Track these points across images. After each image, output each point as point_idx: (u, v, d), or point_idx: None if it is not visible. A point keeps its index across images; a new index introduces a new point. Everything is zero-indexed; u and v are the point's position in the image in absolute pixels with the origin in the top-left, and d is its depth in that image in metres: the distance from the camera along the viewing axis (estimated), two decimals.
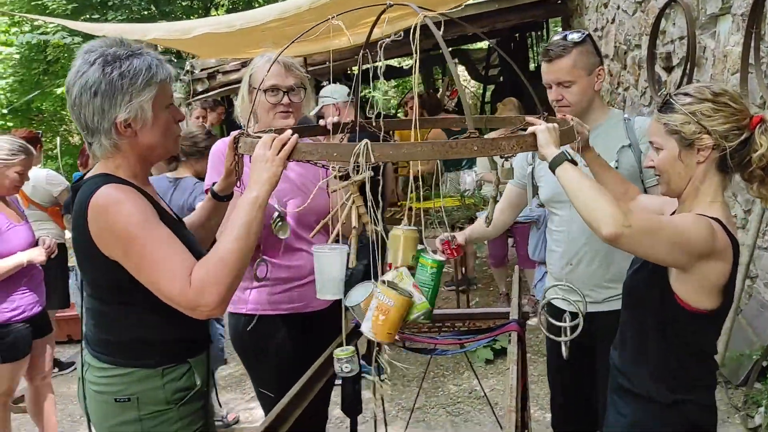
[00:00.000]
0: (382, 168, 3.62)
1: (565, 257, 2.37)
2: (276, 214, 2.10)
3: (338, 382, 2.44)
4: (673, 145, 1.65)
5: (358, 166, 1.46)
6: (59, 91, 10.41)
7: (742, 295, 3.78)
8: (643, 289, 1.75)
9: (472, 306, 5.20)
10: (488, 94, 12.14)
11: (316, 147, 1.55)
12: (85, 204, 1.54)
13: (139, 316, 1.63)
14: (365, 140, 1.46)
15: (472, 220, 4.84)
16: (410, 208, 4.13)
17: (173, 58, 9.79)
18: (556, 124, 1.65)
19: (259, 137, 1.63)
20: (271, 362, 2.29)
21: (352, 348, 1.81)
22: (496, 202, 2.16)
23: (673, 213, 1.78)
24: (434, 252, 1.90)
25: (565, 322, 2.22)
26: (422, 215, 2.10)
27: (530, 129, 1.61)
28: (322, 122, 2.15)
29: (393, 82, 12.87)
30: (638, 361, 1.76)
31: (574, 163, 1.59)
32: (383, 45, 1.81)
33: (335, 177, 2.08)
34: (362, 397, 2.41)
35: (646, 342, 1.74)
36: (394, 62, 13.56)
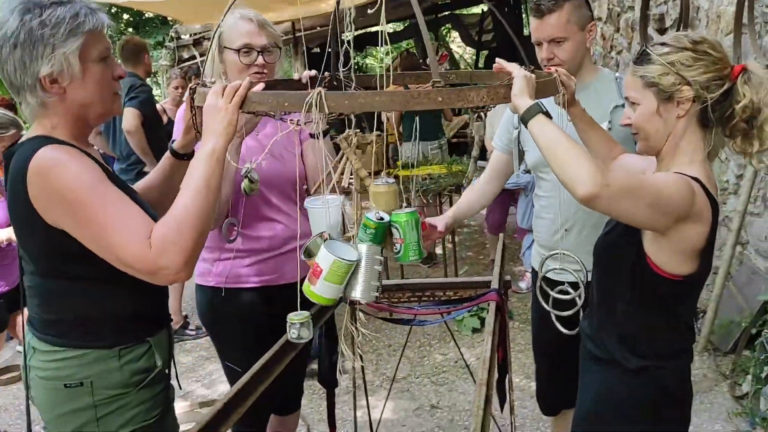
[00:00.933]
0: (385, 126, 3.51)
1: (555, 224, 2.28)
2: (244, 169, 1.98)
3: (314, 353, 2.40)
4: (650, 99, 1.54)
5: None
6: None
7: (732, 261, 3.73)
8: (614, 251, 1.66)
9: (460, 275, 5.13)
10: (482, 59, 11.97)
11: (267, 96, 1.45)
12: (23, 168, 1.39)
13: (91, 290, 1.51)
14: (318, 88, 1.37)
15: (459, 187, 4.75)
16: (396, 176, 4.04)
17: (159, 24, 9.60)
18: (532, 75, 1.52)
19: None
20: (239, 336, 2.21)
21: (307, 313, 1.67)
22: (476, 161, 2.06)
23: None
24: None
25: (567, 294, 2.14)
26: (413, 183, 2.01)
27: (507, 66, 1.50)
28: (296, 76, 2.04)
29: (387, 47, 12.69)
30: (606, 326, 1.68)
31: (549, 116, 1.47)
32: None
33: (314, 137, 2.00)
34: (344, 368, 2.35)
35: (614, 307, 1.66)
36: (389, 28, 13.33)
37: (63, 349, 1.52)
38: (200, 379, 4.01)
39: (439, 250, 5.89)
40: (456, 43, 15.44)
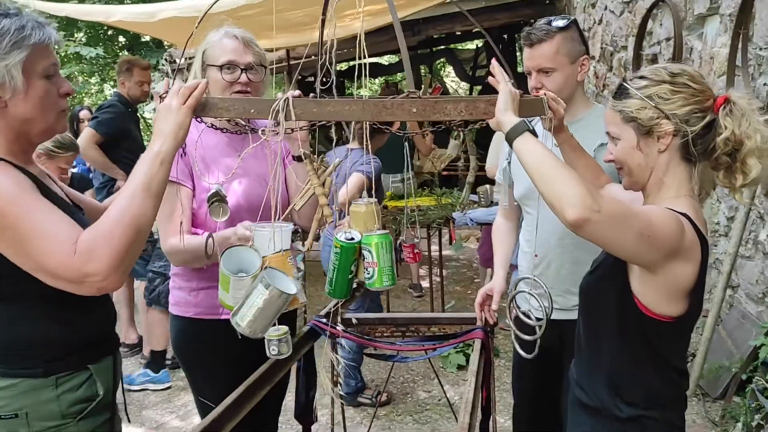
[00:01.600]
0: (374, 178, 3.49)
1: (533, 261, 2.23)
2: (213, 190, 1.89)
3: (291, 389, 2.30)
4: (630, 134, 1.49)
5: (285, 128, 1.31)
6: None
7: (723, 305, 3.67)
8: (600, 289, 1.58)
9: (447, 310, 5.05)
10: (475, 94, 12.05)
11: (233, 102, 1.40)
12: None
13: (21, 313, 1.42)
14: (287, 94, 1.32)
15: (447, 219, 4.69)
16: (385, 207, 3.95)
17: (154, 47, 9.60)
18: (518, 92, 1.46)
19: None
20: (214, 370, 2.11)
21: (285, 328, 1.62)
22: (471, 186, 2.01)
23: None
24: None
25: (531, 319, 2.07)
26: (407, 213, 1.96)
27: (493, 79, 1.45)
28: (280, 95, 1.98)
29: (380, 80, 12.75)
30: (593, 372, 1.60)
31: (535, 134, 1.41)
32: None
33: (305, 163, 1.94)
34: (322, 402, 2.26)
35: (600, 350, 1.58)
36: (383, 60, 13.41)
37: None
38: (175, 410, 3.88)
39: (426, 283, 5.81)
40: (450, 78, 15.55)
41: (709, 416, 3.45)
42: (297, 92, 1.90)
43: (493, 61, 1.58)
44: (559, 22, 2.07)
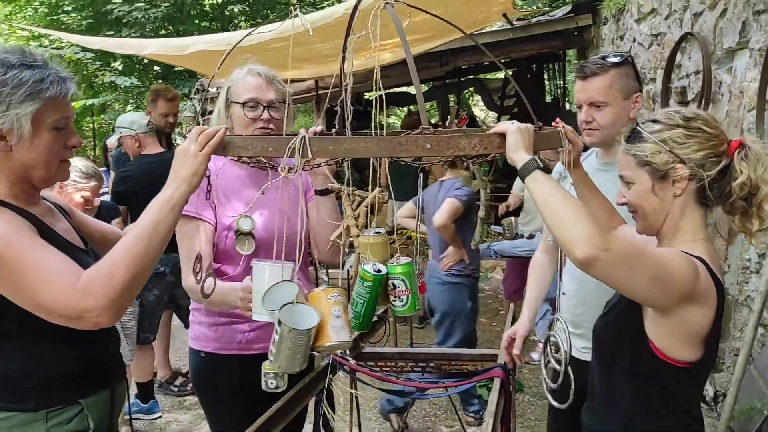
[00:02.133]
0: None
1: (574, 299, 2.20)
2: (241, 220, 1.93)
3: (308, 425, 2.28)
4: (645, 179, 1.47)
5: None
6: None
7: (754, 344, 3.57)
8: (613, 333, 1.55)
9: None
10: None
11: (251, 141, 1.42)
12: None
13: (13, 347, 1.46)
14: (302, 133, 1.34)
15: None
16: (409, 237, 3.92)
17: (186, 77, 9.81)
18: (529, 125, 1.45)
19: None
20: (231, 405, 2.10)
21: None
22: (483, 222, 1.99)
23: None
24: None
25: (559, 364, 2.02)
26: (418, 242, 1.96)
27: (497, 128, 1.43)
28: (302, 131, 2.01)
29: (407, 109, 12.84)
30: (606, 417, 1.56)
31: (548, 171, 1.40)
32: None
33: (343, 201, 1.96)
34: None
35: (614, 395, 1.54)
36: (412, 89, 13.50)
37: None
38: None
39: None
40: (479, 107, 15.58)
41: None
42: (319, 128, 1.93)
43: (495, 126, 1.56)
44: (615, 58, 2.05)
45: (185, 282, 2.01)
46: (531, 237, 4.58)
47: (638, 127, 1.50)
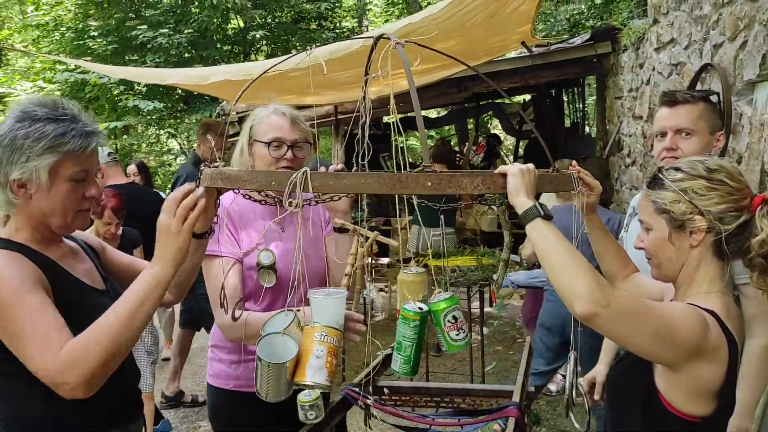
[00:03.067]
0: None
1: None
2: (262, 255, 1.95)
3: None
4: (662, 226, 1.46)
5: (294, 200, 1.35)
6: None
7: None
8: (625, 381, 1.53)
9: (487, 371, 4.95)
10: (521, 148, 12.03)
11: (256, 175, 1.43)
12: None
13: (22, 390, 1.48)
14: (304, 168, 1.35)
15: (487, 281, 4.63)
16: (425, 265, 3.94)
17: (208, 101, 9.94)
18: (530, 166, 1.42)
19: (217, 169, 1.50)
20: None
21: (317, 393, 1.68)
22: (506, 264, 1.99)
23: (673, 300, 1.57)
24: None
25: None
26: (446, 273, 1.96)
27: (500, 169, 1.41)
28: (323, 169, 2.03)
29: (427, 132, 12.91)
30: None
31: (549, 218, 1.38)
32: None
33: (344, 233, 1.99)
34: None
35: None
36: (432, 113, 13.56)
37: None
38: None
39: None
40: (498, 130, 15.61)
41: None
42: (339, 166, 1.95)
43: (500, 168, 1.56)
44: (702, 93, 2.04)
45: (219, 321, 2.02)
46: None
47: (660, 174, 1.49)
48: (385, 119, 10.10)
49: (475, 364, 4.96)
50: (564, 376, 4.82)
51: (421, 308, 1.63)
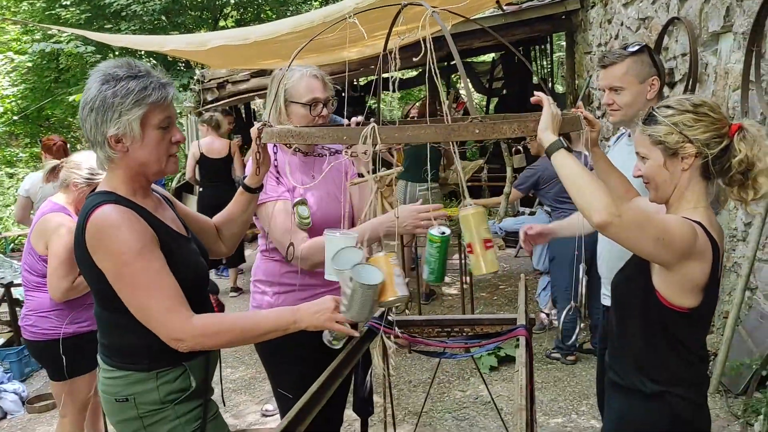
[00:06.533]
0: None
1: (609, 262, 2.48)
2: (298, 199, 2.19)
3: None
4: (657, 155, 1.75)
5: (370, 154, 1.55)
6: (70, 99, 10.54)
7: (742, 306, 3.86)
8: (628, 285, 1.85)
9: (476, 314, 5.28)
10: (492, 106, 12.28)
11: (328, 131, 1.65)
12: (84, 219, 1.66)
13: (131, 323, 1.70)
14: (372, 123, 1.55)
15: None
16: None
17: (183, 68, 9.93)
18: (559, 112, 1.70)
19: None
20: (292, 364, 2.35)
21: None
22: (507, 197, 2.23)
23: None
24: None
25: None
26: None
27: (538, 95, 1.69)
28: (345, 122, 2.29)
29: (397, 94, 13.03)
30: (623, 354, 1.87)
31: (570, 150, 1.66)
32: (394, 52, 1.89)
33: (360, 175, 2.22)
34: (373, 399, 2.50)
35: (628, 337, 1.85)
36: (399, 74, 13.68)
37: (112, 370, 1.78)
38: (228, 409, 4.15)
39: (455, 291, 6.06)
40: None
41: (732, 411, 3.65)
42: (360, 118, 2.18)
43: (535, 93, 1.81)
44: (631, 48, 2.36)
45: (300, 251, 2.22)
46: (532, 214, 4.87)
47: (654, 111, 1.77)
48: (362, 82, 10.23)
49: (465, 309, 5.29)
50: (548, 315, 5.18)
51: (443, 232, 1.87)
